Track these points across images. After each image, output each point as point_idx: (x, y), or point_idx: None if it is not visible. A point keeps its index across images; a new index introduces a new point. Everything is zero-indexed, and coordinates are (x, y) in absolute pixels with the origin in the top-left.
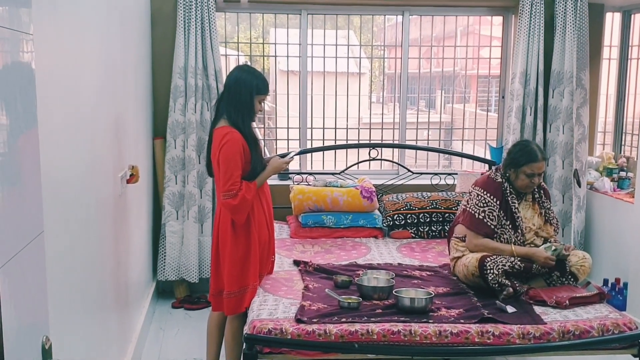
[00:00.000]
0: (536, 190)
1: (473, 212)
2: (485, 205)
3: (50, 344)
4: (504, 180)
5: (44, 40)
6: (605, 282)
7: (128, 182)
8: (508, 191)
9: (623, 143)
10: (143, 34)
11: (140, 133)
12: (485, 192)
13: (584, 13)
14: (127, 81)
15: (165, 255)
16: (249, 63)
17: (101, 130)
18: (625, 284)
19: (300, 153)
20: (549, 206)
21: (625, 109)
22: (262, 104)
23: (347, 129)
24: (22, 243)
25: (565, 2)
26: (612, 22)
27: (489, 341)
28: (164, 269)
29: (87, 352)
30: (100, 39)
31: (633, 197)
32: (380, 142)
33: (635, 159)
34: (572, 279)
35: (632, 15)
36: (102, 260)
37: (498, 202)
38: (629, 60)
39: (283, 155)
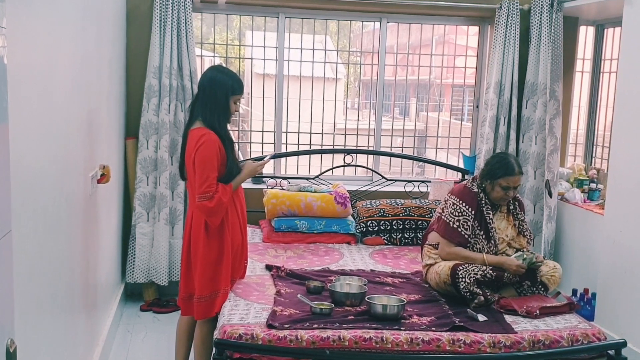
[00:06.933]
0: (511, 202)
1: (448, 220)
2: (460, 214)
3: (15, 347)
4: (479, 190)
5: (17, 34)
6: (574, 292)
7: (99, 182)
8: (483, 202)
9: (594, 155)
10: (118, 32)
11: (112, 132)
12: (460, 202)
13: (558, 26)
14: (101, 79)
15: (134, 257)
16: (224, 64)
17: (73, 128)
18: (594, 295)
19: (275, 157)
20: (523, 218)
21: (596, 122)
22: (238, 104)
23: (322, 134)
24: None
25: (541, 15)
26: (586, 35)
27: (460, 349)
28: (133, 271)
29: (53, 356)
30: (75, 35)
31: (603, 208)
32: (355, 148)
33: (606, 171)
34: (542, 289)
35: (605, 30)
36: (70, 261)
37: (473, 212)
38: (601, 74)
39: (259, 159)
